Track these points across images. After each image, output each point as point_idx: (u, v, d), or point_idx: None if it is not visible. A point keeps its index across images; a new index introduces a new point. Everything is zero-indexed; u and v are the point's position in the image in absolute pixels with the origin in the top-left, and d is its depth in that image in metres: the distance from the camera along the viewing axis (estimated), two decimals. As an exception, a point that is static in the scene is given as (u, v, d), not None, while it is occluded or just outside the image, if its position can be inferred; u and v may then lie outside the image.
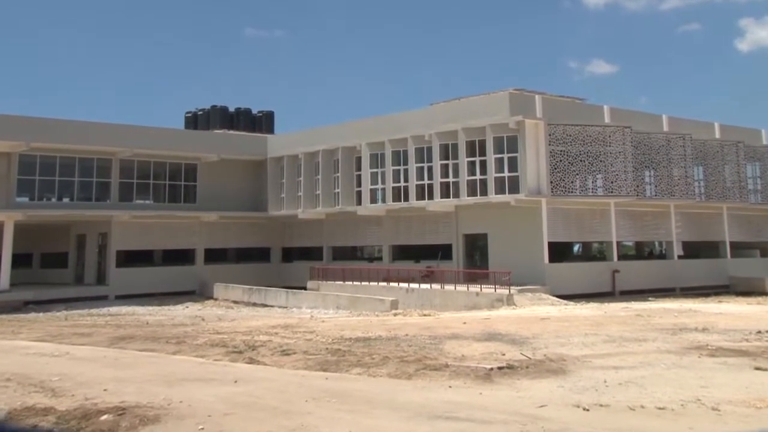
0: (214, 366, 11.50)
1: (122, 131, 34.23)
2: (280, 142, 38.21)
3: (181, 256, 35.49)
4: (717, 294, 28.77)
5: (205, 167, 36.66)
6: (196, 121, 53.26)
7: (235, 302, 30.34)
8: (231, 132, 45.12)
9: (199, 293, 33.55)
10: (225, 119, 52.27)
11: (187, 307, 29.07)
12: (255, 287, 30.99)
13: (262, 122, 53.88)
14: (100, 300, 30.88)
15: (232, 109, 54.16)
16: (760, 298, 26.33)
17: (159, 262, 35.88)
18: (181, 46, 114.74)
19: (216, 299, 31.73)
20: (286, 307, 27.67)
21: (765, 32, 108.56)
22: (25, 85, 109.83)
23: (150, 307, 28.31)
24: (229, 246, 37.13)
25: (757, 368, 9.85)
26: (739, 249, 33.59)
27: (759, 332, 13.69)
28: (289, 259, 38.06)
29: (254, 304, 29.34)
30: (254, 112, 55.21)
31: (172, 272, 34.44)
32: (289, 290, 29.67)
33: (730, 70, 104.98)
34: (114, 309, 27.64)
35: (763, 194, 34.19)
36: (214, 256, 36.16)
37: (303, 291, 29.77)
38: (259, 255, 37.80)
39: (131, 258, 33.98)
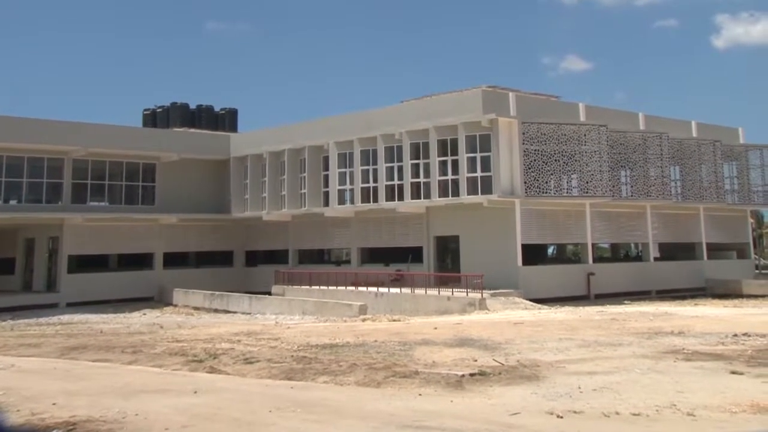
0: (173, 376, 11.35)
1: (75, 129, 33.66)
2: (244, 140, 37.96)
3: (138, 261, 35.03)
4: (693, 297, 29.30)
5: (164, 167, 36.25)
6: (154, 118, 52.67)
7: (196, 309, 30.06)
8: (192, 130, 44.76)
9: (158, 300, 33.16)
10: (185, 117, 51.81)
11: (144, 314, 28.70)
12: (217, 293, 30.73)
13: (225, 120, 53.53)
14: (51, 308, 30.33)
15: (193, 106, 53.74)
16: (736, 301, 26.86)
17: (114, 267, 35.39)
18: (138, 39, 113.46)
19: (175, 306, 31.40)
20: (249, 314, 27.47)
21: (741, 28, 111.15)
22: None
23: (104, 315, 27.87)
24: (189, 250, 36.78)
25: (733, 372, 10.04)
26: (716, 251, 34.27)
27: (735, 335, 13.96)
28: (253, 263, 37.83)
29: (216, 311, 29.10)
30: (217, 109, 54.83)
31: (129, 278, 33.98)
32: (253, 295, 29.49)
33: (706, 67, 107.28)
34: (65, 317, 27.15)
35: (740, 194, 34.94)
36: (174, 260, 35.77)
37: (267, 296, 29.62)
38: (222, 259, 37.52)
39: (84, 263, 33.41)
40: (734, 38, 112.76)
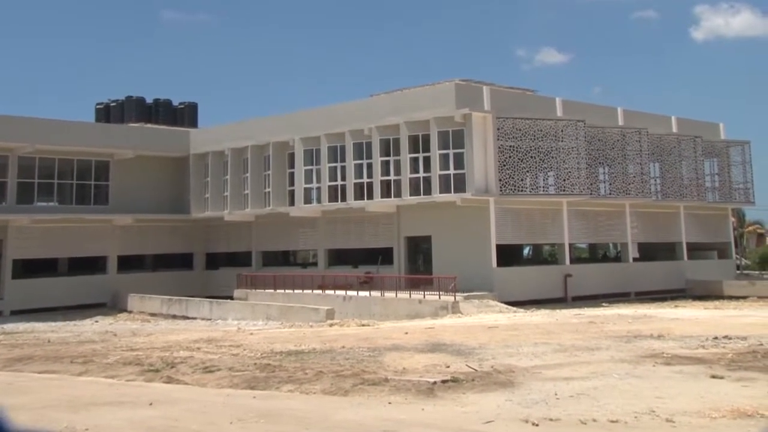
0: (127, 387, 11.20)
1: (21, 124, 33.01)
2: (205, 136, 37.66)
3: (90, 265, 34.52)
4: (673, 298, 29.76)
5: (118, 165, 35.77)
6: (108, 113, 51.97)
7: (153, 315, 29.76)
8: (148, 125, 44.18)
9: (111, 306, 32.74)
10: (142, 111, 51.22)
11: (96, 321, 28.31)
12: (175, 298, 30.47)
13: (184, 115, 53.02)
14: (-7, 316, 29.75)
15: (149, 100, 53.13)
16: (717, 302, 27.35)
17: (64, 271, 34.83)
18: (90, 29, 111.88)
19: (130, 312, 31.03)
20: (210, 319, 27.29)
21: (721, 19, 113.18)
22: None
23: (53, 323, 27.41)
24: (145, 252, 36.42)
25: (713, 376, 10.20)
26: (697, 250, 34.85)
27: (716, 338, 14.20)
28: (214, 265, 37.57)
29: (174, 317, 28.86)
30: (175, 103, 54.30)
31: (80, 283, 33.48)
32: (214, 300, 29.29)
33: (686, 60, 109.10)
34: (9, 326, 26.59)
35: (721, 192, 35.57)
36: (129, 263, 35.36)
37: (229, 301, 29.43)
38: (180, 262, 37.20)
39: (31, 268, 32.84)
40: (714, 30, 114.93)
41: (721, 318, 19.59)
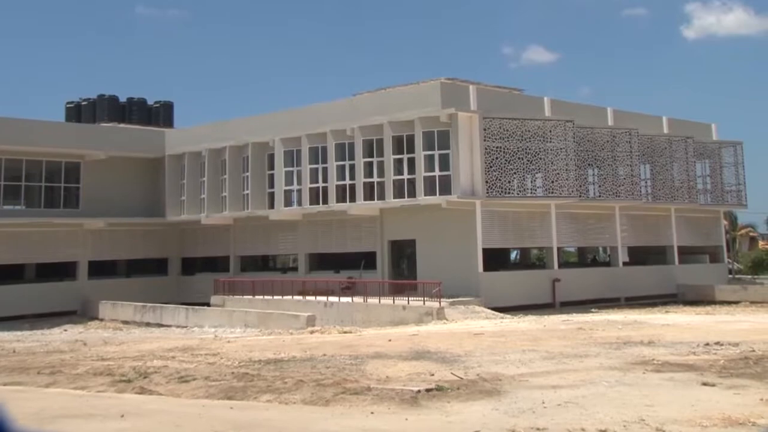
0: (97, 399, 11.10)
1: (-13, 123, 32.78)
2: (181, 137, 37.53)
3: (59, 271, 34.24)
4: (664, 303, 30.01)
5: (90, 166, 35.53)
6: (79, 112, 51.69)
7: (125, 323, 29.59)
8: (122, 125, 44.01)
9: (82, 313, 32.51)
10: (115, 111, 51.03)
11: (65, 330, 28.06)
12: (149, 304, 30.28)
13: (159, 114, 52.88)
14: (-45, 326, 29.38)
15: (123, 99, 52.99)
16: (709, 308, 27.61)
17: (32, 278, 34.55)
18: (60, 25, 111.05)
19: (102, 320, 30.82)
20: (185, 327, 27.19)
21: (712, 17, 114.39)
22: None
23: (19, 333, 27.13)
24: (118, 257, 36.21)
25: (705, 384, 10.28)
26: (688, 254, 35.16)
27: (707, 344, 14.32)
28: (191, 271, 37.43)
29: (148, 324, 28.71)
30: (150, 102, 54.15)
31: (48, 290, 33.22)
32: (190, 307, 29.17)
33: (677, 59, 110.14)
34: (-27, 336, 26.31)
35: (713, 195, 35.90)
36: (101, 269, 35.11)
37: (206, 308, 29.33)
38: (155, 267, 37.02)
39: (-4, 274, 32.54)
40: (706, 28, 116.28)
41: (713, 324, 19.75)
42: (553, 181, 28.39)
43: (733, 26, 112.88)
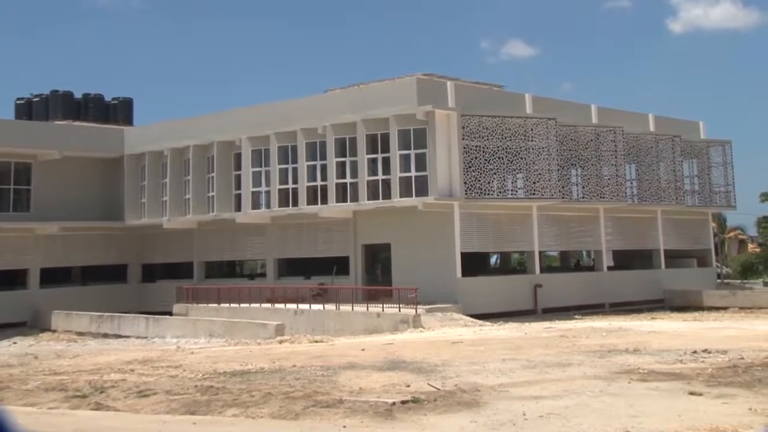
0: (49, 416, 10.97)
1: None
2: (141, 135, 37.21)
3: (7, 279, 33.67)
4: (650, 310, 30.30)
5: (42, 167, 35.10)
6: (30, 109, 50.91)
7: (80, 334, 29.25)
8: (77, 123, 43.46)
9: (32, 325, 32.06)
10: (69, 107, 50.28)
11: (14, 343, 27.68)
12: (107, 314, 29.94)
13: (118, 111, 52.25)
14: None
15: (78, 94, 52.20)
16: (696, 314, 27.95)
17: (-23, 287, 34.02)
18: (7, 15, 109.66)
19: (55, 331, 30.40)
20: (146, 338, 26.96)
21: (699, 10, 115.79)
22: None
23: (-38, 346, 26.73)
24: (73, 264, 35.80)
25: (692, 393, 10.41)
26: (675, 258, 35.54)
27: (695, 352, 14.51)
28: (151, 278, 37.15)
29: (105, 336, 28.41)
30: (107, 98, 53.45)
31: (-4, 299, 32.73)
32: (151, 316, 28.91)
33: (662, 53, 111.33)
34: None
35: (701, 196, 36.32)
36: (54, 277, 34.62)
37: (168, 317, 29.08)
38: (113, 274, 36.66)
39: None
40: (692, 21, 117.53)
41: (701, 330, 20.02)
42: (534, 182, 28.57)
43: (721, 19, 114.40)
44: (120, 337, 27.88)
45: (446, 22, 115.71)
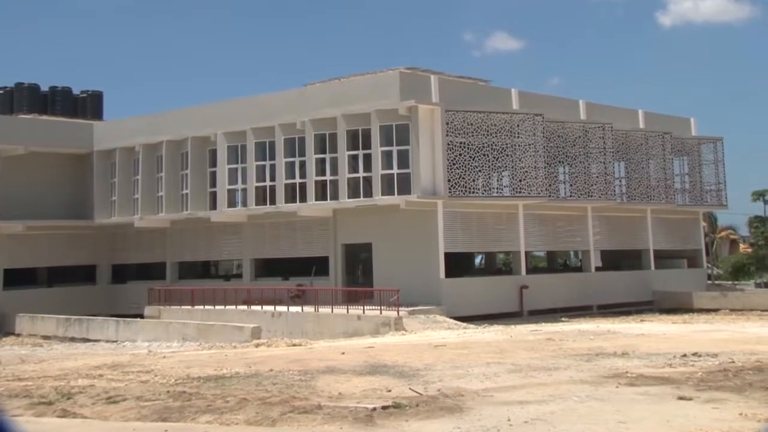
0: (12, 424, 10.87)
1: None
2: (111, 130, 37.08)
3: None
4: (639, 312, 30.54)
5: (6, 163, 34.88)
6: (-6, 102, 50.53)
7: (46, 338, 29.17)
8: (44, 117, 43.12)
9: (-5, 328, 31.87)
10: (35, 101, 49.96)
11: (-25, 347, 27.44)
12: (74, 317, 29.88)
13: (87, 105, 52.00)
14: None
15: (45, 87, 51.90)
16: (686, 316, 28.16)
17: (-63, 289, 33.77)
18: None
19: (19, 335, 30.37)
20: (115, 342, 26.89)
21: (689, 2, 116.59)
22: None
23: None
24: (38, 265, 35.68)
25: (681, 398, 10.48)
26: (665, 258, 35.82)
27: (684, 356, 14.61)
28: (122, 279, 37.02)
29: (73, 340, 28.31)
30: (76, 92, 53.17)
31: (-44, 302, 32.49)
32: (121, 319, 28.85)
33: (652, 48, 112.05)
34: None
35: (692, 194, 36.62)
36: (18, 278, 34.48)
37: (139, 320, 29.01)
38: (82, 275, 36.54)
39: None
40: (682, 15, 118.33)
41: (691, 333, 20.17)
42: (520, 180, 28.67)
43: (712, 13, 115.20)
44: (88, 341, 27.80)
45: (427, 14, 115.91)
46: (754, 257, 51.23)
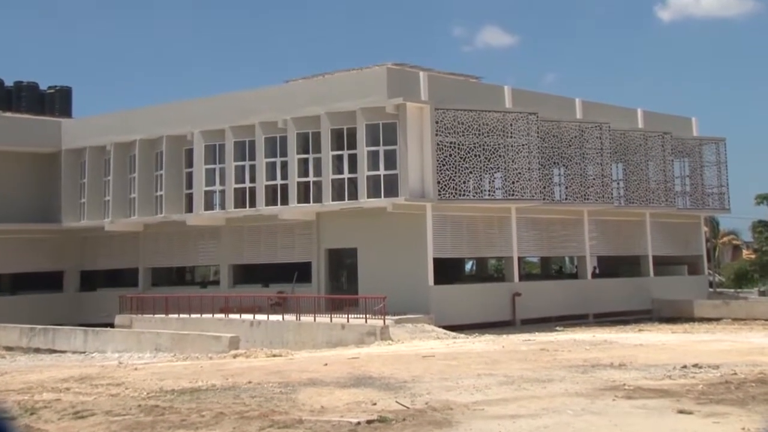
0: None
1: None
2: (81, 128, 36.97)
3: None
4: (637, 321, 30.62)
5: (-31, 162, 34.74)
6: (-47, 99, 50.32)
7: (9, 349, 28.94)
8: (8, 114, 42.97)
9: (-45, 339, 31.64)
10: (-1, 97, 49.81)
11: (-67, 359, 27.23)
12: (39, 327, 29.66)
13: (55, 102, 51.85)
14: None
15: (9, 82, 51.71)
16: (687, 325, 28.30)
17: None
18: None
19: (-21, 347, 30.00)
20: (84, 353, 26.73)
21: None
22: None
23: None
24: (2, 271, 35.64)
25: (681, 411, 10.52)
26: (664, 265, 35.96)
27: (684, 367, 14.68)
28: (91, 286, 36.93)
29: (37, 351, 28.11)
30: (43, 87, 53.00)
31: None
32: (90, 329, 28.70)
33: (651, 43, 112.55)
34: None
35: (693, 198, 36.79)
36: (-20, 285, 34.30)
37: (109, 329, 28.90)
38: (48, 282, 36.37)
39: None
40: (682, 9, 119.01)
41: (691, 343, 20.27)
42: (513, 182, 28.73)
43: (713, 7, 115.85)
44: (54, 352, 27.60)
45: (416, 7, 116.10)
46: (757, 264, 51.53)
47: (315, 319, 25.23)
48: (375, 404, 11.52)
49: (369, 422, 10.23)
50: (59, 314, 34.12)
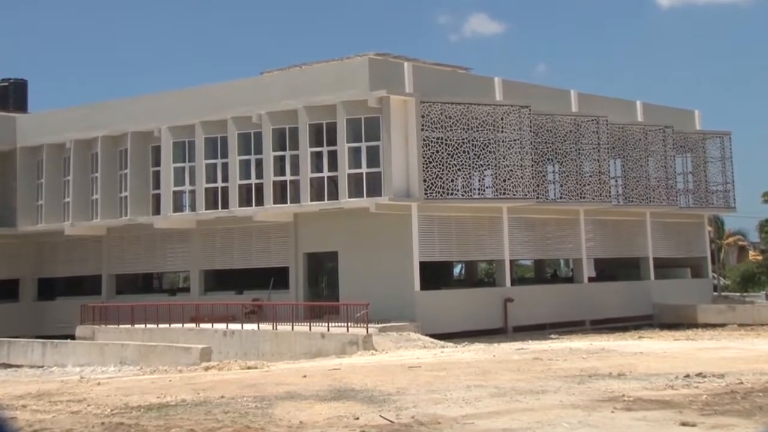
0: None
1: None
2: (38, 124, 36.80)
3: None
4: (637, 327, 30.79)
5: None
6: None
7: (-40, 363, 28.73)
8: (-41, 109, 42.70)
9: None
10: (-52, 90, 49.40)
11: None
12: (-7, 339, 29.56)
13: (9, 95, 51.40)
14: None
15: (-41, 75, 51.27)
16: (690, 332, 28.45)
17: None
18: None
19: (-74, 361, 29.78)
20: (42, 367, 26.69)
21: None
22: None
23: None
24: (-48, 279, 35.22)
25: (683, 424, 10.58)
26: (666, 267, 36.12)
27: (687, 376, 14.77)
28: (50, 295, 36.81)
29: (-8, 365, 27.96)
30: (-4, 80, 52.61)
31: None
32: (48, 341, 28.63)
33: (650, 31, 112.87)
34: None
35: (696, 195, 36.98)
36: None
37: (70, 341, 28.83)
38: (2, 291, 36.21)
39: None
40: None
41: (695, 351, 20.37)
42: (505, 180, 28.78)
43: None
44: (9, 366, 27.54)
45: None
46: (765, 266, 51.90)
47: (293, 328, 25.21)
48: (357, 419, 11.53)
49: (351, 438, 10.25)
50: (15, 325, 33.92)
